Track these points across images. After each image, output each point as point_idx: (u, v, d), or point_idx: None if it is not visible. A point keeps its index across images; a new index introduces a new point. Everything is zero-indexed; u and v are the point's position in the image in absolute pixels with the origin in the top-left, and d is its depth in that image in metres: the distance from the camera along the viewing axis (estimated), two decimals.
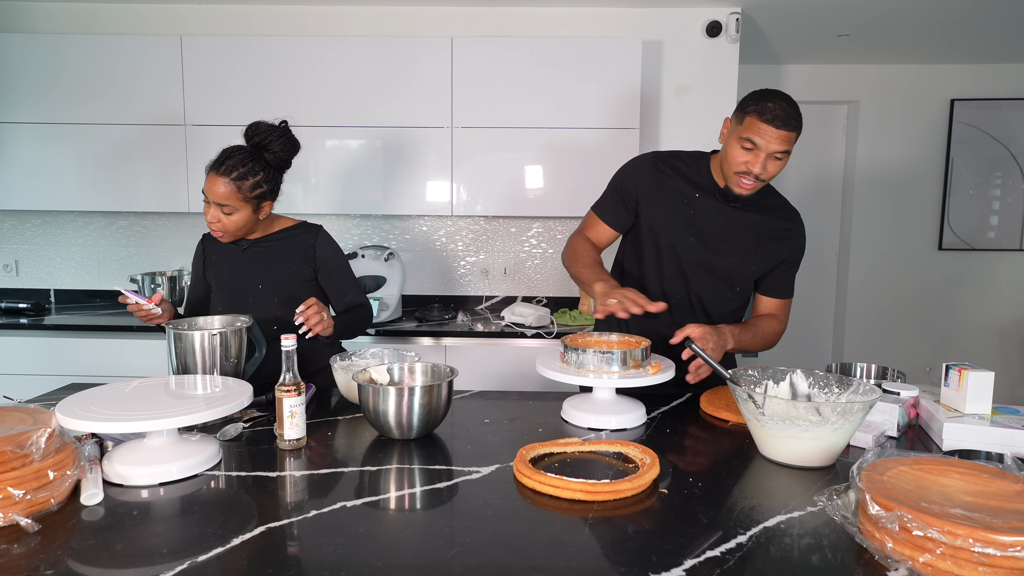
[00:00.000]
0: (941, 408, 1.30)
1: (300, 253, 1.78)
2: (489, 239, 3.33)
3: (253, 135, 1.69)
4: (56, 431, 1.01)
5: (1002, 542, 0.74)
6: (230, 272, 1.79)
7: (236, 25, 3.14)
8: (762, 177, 1.54)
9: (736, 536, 0.91)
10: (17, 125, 2.89)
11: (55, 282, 3.35)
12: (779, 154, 1.52)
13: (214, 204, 1.65)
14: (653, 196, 1.68)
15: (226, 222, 1.66)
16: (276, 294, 1.76)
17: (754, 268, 1.67)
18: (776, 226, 1.67)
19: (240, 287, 1.77)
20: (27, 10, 3.12)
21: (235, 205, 1.64)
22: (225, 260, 1.80)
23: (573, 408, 1.41)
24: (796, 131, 1.52)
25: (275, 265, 1.77)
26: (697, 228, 1.65)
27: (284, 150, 1.70)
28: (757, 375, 1.33)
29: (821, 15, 3.11)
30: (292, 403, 1.23)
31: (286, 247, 1.79)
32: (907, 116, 3.99)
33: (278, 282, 1.76)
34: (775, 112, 1.49)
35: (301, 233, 1.81)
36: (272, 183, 1.70)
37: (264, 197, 1.69)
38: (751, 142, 1.51)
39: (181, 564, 0.83)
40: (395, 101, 2.89)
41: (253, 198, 1.66)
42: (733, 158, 1.55)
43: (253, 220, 1.71)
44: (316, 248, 1.79)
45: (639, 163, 1.73)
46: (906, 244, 4.09)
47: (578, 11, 3.13)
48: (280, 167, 1.73)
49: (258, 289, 1.76)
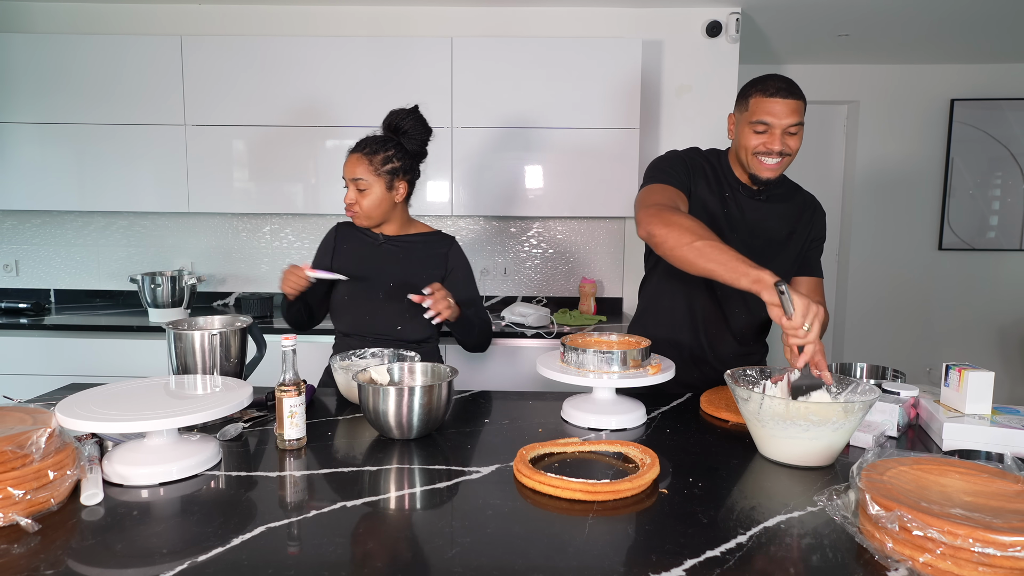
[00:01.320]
0: (941, 408, 1.30)
1: (431, 259, 1.80)
2: (489, 239, 3.32)
3: (388, 119, 1.75)
4: (56, 431, 1.01)
5: (1002, 542, 0.74)
6: (362, 264, 1.78)
7: (236, 25, 3.14)
8: (785, 152, 1.53)
9: (736, 536, 0.91)
10: (17, 125, 2.89)
11: (55, 282, 3.35)
12: (792, 127, 1.52)
13: (350, 183, 1.71)
14: (704, 185, 1.63)
15: (362, 201, 1.70)
16: (398, 295, 1.73)
17: (783, 257, 1.66)
18: (798, 210, 1.68)
19: (374, 280, 1.76)
20: (27, 10, 3.12)
21: (368, 179, 1.69)
22: (359, 252, 1.81)
23: (573, 408, 1.41)
24: (802, 100, 1.52)
25: (408, 265, 1.78)
26: (732, 224, 1.63)
27: (415, 129, 1.73)
28: (756, 375, 1.33)
29: (821, 15, 3.11)
30: (292, 403, 1.23)
31: (421, 250, 1.81)
32: (907, 116, 3.99)
33: (409, 283, 1.74)
34: (778, 85, 1.50)
35: (437, 241, 1.84)
36: (404, 162, 1.73)
37: (396, 174, 1.72)
38: (763, 123, 1.51)
39: (181, 564, 0.83)
40: (395, 101, 2.86)
41: (385, 172, 1.70)
42: (748, 144, 1.55)
43: (389, 202, 1.73)
44: (449, 257, 1.82)
45: (694, 151, 1.69)
46: (906, 244, 4.09)
47: (578, 11, 3.13)
48: (415, 153, 1.76)
49: (389, 286, 1.76)
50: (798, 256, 1.70)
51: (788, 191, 1.70)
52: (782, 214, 1.66)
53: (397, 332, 1.74)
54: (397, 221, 1.81)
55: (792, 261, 1.69)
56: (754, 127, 1.53)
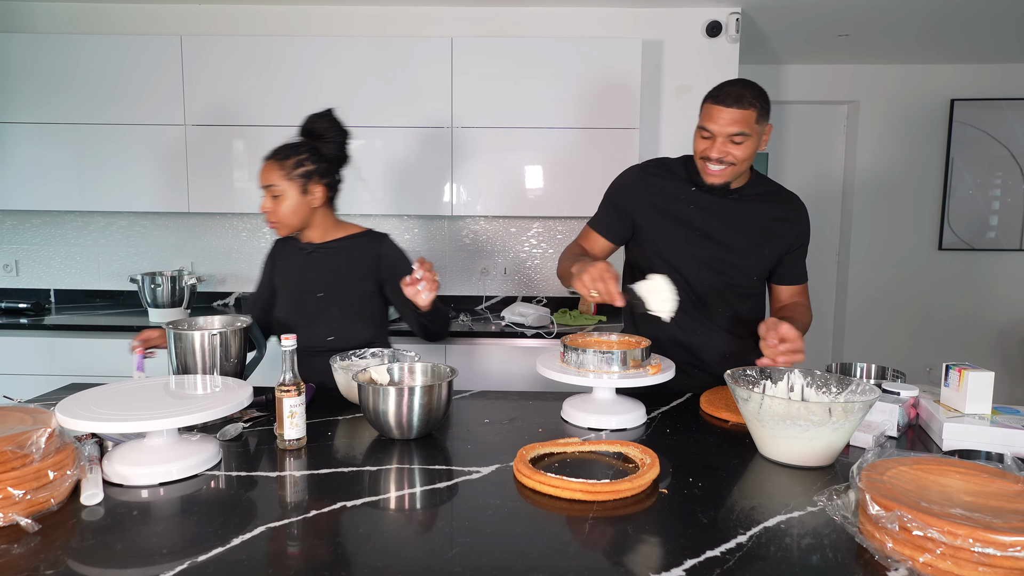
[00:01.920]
0: (941, 408, 1.30)
1: (363, 261, 1.73)
2: (489, 239, 3.33)
3: (302, 124, 1.73)
4: (56, 431, 1.01)
5: (1002, 542, 0.74)
6: (294, 277, 1.76)
7: (236, 25, 3.14)
8: (726, 160, 1.53)
9: (736, 536, 0.91)
10: (17, 125, 2.89)
11: (55, 282, 3.35)
12: (736, 136, 1.51)
13: (265, 191, 1.68)
14: (648, 202, 1.68)
15: (277, 209, 1.67)
16: (336, 304, 1.71)
17: (766, 253, 1.65)
18: (777, 210, 1.67)
19: (302, 292, 1.74)
20: (27, 10, 3.12)
21: (281, 184, 1.65)
22: (291, 264, 1.78)
23: (573, 408, 1.41)
24: (752, 110, 1.50)
25: (337, 273, 1.73)
26: (699, 224, 1.64)
27: (330, 132, 1.71)
28: (756, 375, 1.33)
29: (821, 15, 3.11)
30: (292, 403, 1.23)
31: (349, 254, 1.74)
32: (907, 116, 3.99)
33: (339, 291, 1.71)
34: (727, 93, 1.50)
35: (366, 241, 1.77)
36: (319, 165, 1.69)
37: (311, 177, 1.68)
38: (706, 129, 1.53)
39: (181, 564, 0.83)
40: (395, 101, 2.89)
41: (298, 176, 1.66)
42: (696, 149, 1.59)
43: (305, 207, 1.69)
44: (380, 259, 1.73)
45: (629, 173, 1.75)
46: (906, 244, 4.09)
47: (578, 11, 3.13)
48: (334, 157, 1.73)
49: (317, 297, 1.72)
50: (778, 256, 1.67)
51: (768, 191, 1.69)
52: (756, 213, 1.65)
53: (329, 343, 1.69)
54: (320, 226, 1.75)
55: (770, 260, 1.67)
56: (701, 132, 1.55)
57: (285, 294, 1.77)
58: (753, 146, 1.54)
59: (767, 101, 1.54)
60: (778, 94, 4.03)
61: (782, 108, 4.15)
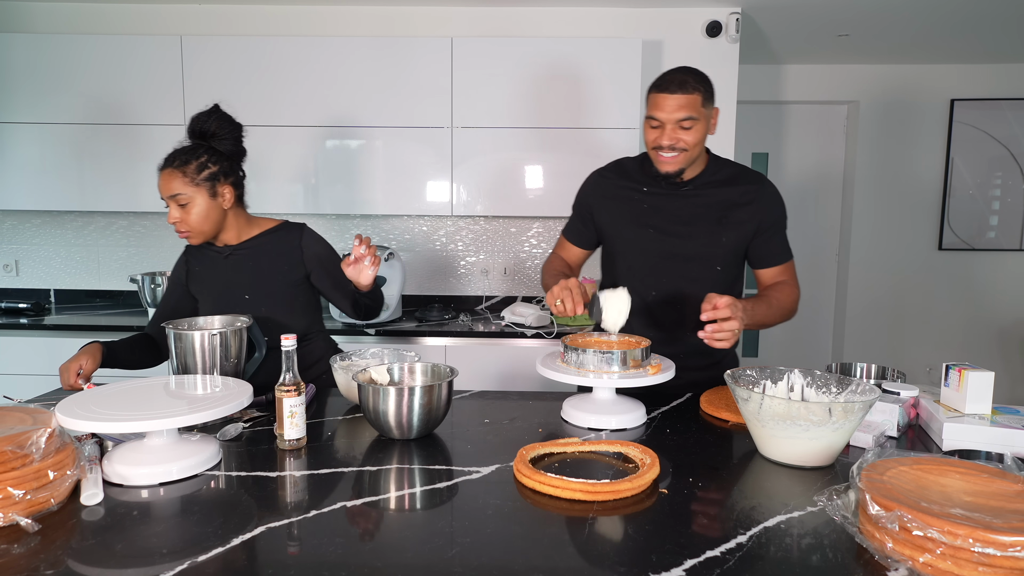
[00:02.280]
0: (941, 408, 1.30)
1: (286, 255, 1.71)
2: (489, 239, 3.33)
3: (190, 127, 1.65)
4: (56, 431, 1.01)
5: (1002, 542, 0.74)
6: (215, 283, 1.71)
7: (236, 25, 3.14)
8: (677, 147, 1.54)
9: (736, 536, 0.91)
10: (17, 125, 2.89)
11: (55, 282, 3.35)
12: (685, 122, 1.53)
13: (169, 202, 1.61)
14: (605, 204, 1.73)
15: (187, 218, 1.61)
16: (265, 303, 1.68)
17: (725, 241, 1.64)
18: (737, 194, 1.64)
19: (226, 298, 1.69)
20: (27, 10, 3.12)
21: (187, 192, 1.59)
22: (208, 270, 1.72)
23: (573, 408, 1.41)
24: (696, 94, 1.53)
25: (261, 271, 1.70)
26: (655, 219, 1.66)
27: (222, 128, 1.64)
28: (756, 375, 1.33)
29: (821, 15, 3.11)
30: (292, 403, 1.23)
31: (270, 250, 1.71)
32: (907, 116, 3.99)
33: (266, 289, 1.69)
34: (671, 81, 1.54)
35: (284, 234, 1.73)
36: (221, 165, 1.63)
37: (217, 179, 1.62)
38: (654, 118, 1.55)
39: (181, 564, 0.83)
40: (395, 101, 2.89)
41: (203, 180, 1.60)
42: (647, 139, 1.60)
43: (218, 212, 1.64)
44: (303, 248, 1.71)
45: (589, 179, 1.81)
46: (906, 244, 4.10)
47: (578, 11, 3.13)
48: (232, 153, 1.66)
49: (244, 299, 1.68)
50: (742, 241, 1.65)
51: (728, 176, 1.67)
52: (713, 200, 1.64)
53: (264, 342, 1.64)
54: (235, 227, 1.70)
55: (731, 248, 1.65)
56: (650, 122, 1.57)
57: (208, 302, 1.71)
58: (703, 130, 1.56)
59: (710, 85, 1.57)
60: (778, 94, 4.03)
61: (782, 108, 4.15)
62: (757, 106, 4.08)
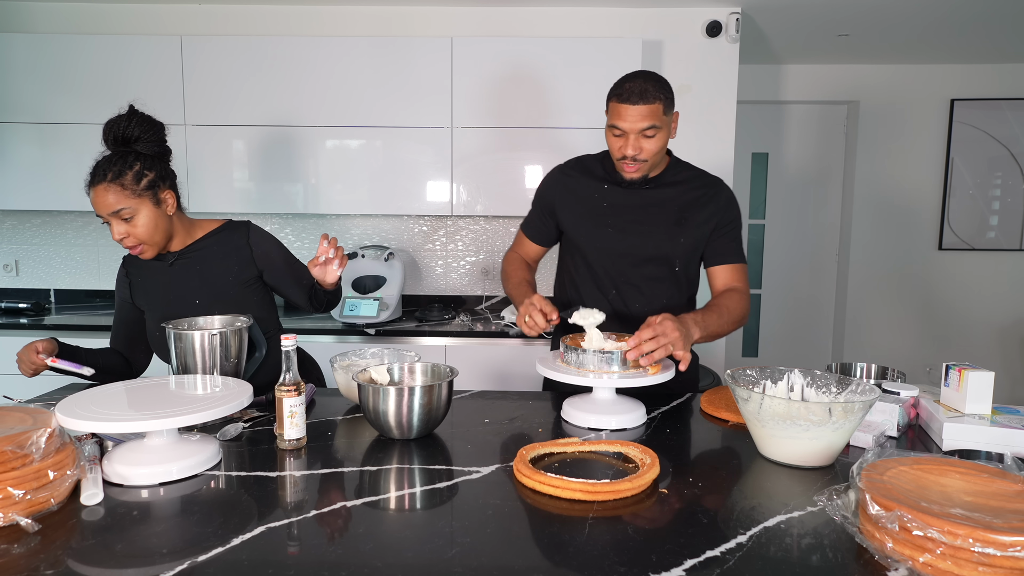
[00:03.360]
0: (941, 408, 1.30)
1: (234, 256, 1.65)
2: (489, 239, 3.33)
3: (108, 134, 1.54)
4: (56, 431, 1.01)
5: (1002, 542, 0.74)
6: (161, 292, 1.64)
7: (236, 25, 3.14)
8: (640, 157, 1.55)
9: (736, 536, 0.91)
10: (17, 125, 2.89)
11: (55, 282, 3.35)
12: (648, 131, 1.53)
13: (111, 219, 1.51)
14: (566, 200, 1.73)
15: (135, 231, 1.52)
16: (216, 306, 1.62)
17: (682, 241, 1.65)
18: (694, 195, 1.66)
19: (176, 306, 1.62)
20: (28, 10, 3.12)
21: (131, 205, 1.50)
22: (152, 280, 1.65)
23: (573, 408, 1.41)
24: (658, 103, 1.51)
25: (209, 274, 1.64)
26: (613, 218, 1.67)
27: (142, 129, 1.54)
28: (756, 375, 1.33)
29: (821, 15, 3.12)
30: (292, 403, 1.23)
31: (217, 252, 1.65)
32: (907, 116, 3.99)
33: (217, 292, 1.64)
34: (631, 90, 1.52)
35: (230, 233, 1.68)
36: (158, 169, 1.55)
37: (157, 185, 1.54)
38: (617, 128, 1.54)
39: (181, 564, 0.83)
40: (395, 101, 2.89)
41: (144, 190, 1.51)
42: (610, 148, 1.61)
43: (165, 220, 1.57)
44: (252, 247, 1.66)
45: (550, 175, 1.80)
46: (906, 244, 4.10)
47: (578, 11, 3.13)
48: (157, 154, 1.57)
49: (195, 305, 1.63)
50: (698, 240, 1.66)
51: (685, 178, 1.68)
52: (671, 200, 1.65)
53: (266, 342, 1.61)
54: (180, 232, 1.63)
55: (688, 246, 1.66)
56: (612, 131, 1.57)
57: (155, 312, 1.64)
58: (664, 137, 1.56)
59: (670, 91, 1.56)
60: (778, 94, 4.03)
61: (782, 108, 4.15)
62: (757, 106, 4.08)
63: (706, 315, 1.54)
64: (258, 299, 1.71)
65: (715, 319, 1.55)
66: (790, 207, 4.24)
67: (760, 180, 4.23)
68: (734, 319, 1.62)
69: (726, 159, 3.19)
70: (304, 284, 1.67)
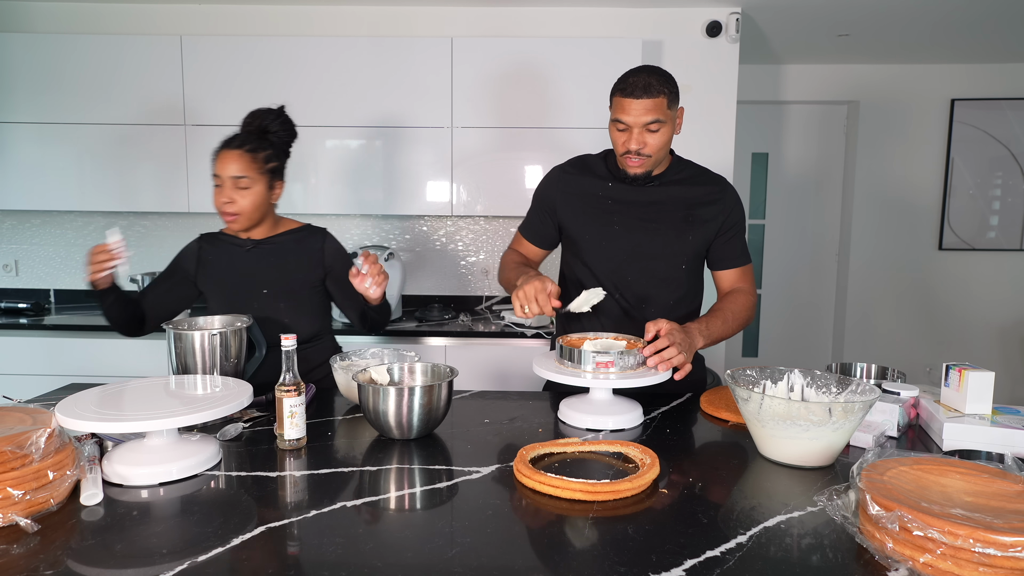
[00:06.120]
0: (941, 408, 1.30)
1: (308, 257, 1.74)
2: (489, 239, 3.33)
3: (252, 119, 1.68)
4: (56, 431, 1.01)
5: (1002, 542, 0.74)
6: (233, 275, 1.72)
7: (236, 25, 3.14)
8: (644, 152, 1.54)
9: (736, 536, 0.91)
10: (17, 125, 2.89)
11: (55, 282, 3.35)
12: (652, 125, 1.51)
13: (228, 182, 1.61)
14: (568, 199, 1.69)
15: (242, 201, 1.62)
16: (283, 299, 1.70)
17: (691, 239, 1.63)
18: (701, 192, 1.64)
19: (243, 292, 1.70)
20: (27, 10, 3.12)
21: (252, 177, 1.61)
22: (227, 262, 1.73)
23: (570, 409, 1.41)
24: (662, 97, 1.50)
25: (283, 268, 1.72)
26: (619, 215, 1.64)
27: (284, 130, 1.69)
28: (756, 375, 1.33)
29: (821, 15, 3.11)
30: (292, 403, 1.23)
31: (294, 249, 1.74)
32: (907, 116, 3.99)
33: (287, 287, 1.71)
34: (635, 84, 1.51)
35: (308, 236, 1.77)
36: (281, 162, 1.69)
37: (276, 174, 1.68)
38: (621, 122, 1.53)
39: (181, 564, 0.83)
40: (395, 101, 2.89)
41: (268, 171, 1.65)
42: (614, 143, 1.59)
43: (266, 203, 1.68)
44: (325, 253, 1.75)
45: (550, 174, 1.76)
46: (906, 244, 4.10)
47: (578, 11, 3.13)
48: (283, 152, 1.71)
49: (263, 294, 1.70)
50: (706, 240, 1.65)
51: (690, 175, 1.67)
52: (678, 198, 1.63)
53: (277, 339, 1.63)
54: (268, 223, 1.73)
55: (696, 246, 1.65)
56: (616, 126, 1.56)
57: (221, 292, 1.71)
58: (669, 132, 1.55)
59: (675, 85, 1.54)
60: (778, 94, 4.03)
61: (782, 108, 4.15)
62: (757, 106, 4.08)
63: (710, 322, 1.54)
64: (318, 302, 1.77)
65: (719, 325, 1.56)
66: (790, 207, 4.24)
67: (760, 180, 4.23)
68: (740, 321, 1.62)
69: (726, 159, 3.19)
70: (358, 302, 1.71)
